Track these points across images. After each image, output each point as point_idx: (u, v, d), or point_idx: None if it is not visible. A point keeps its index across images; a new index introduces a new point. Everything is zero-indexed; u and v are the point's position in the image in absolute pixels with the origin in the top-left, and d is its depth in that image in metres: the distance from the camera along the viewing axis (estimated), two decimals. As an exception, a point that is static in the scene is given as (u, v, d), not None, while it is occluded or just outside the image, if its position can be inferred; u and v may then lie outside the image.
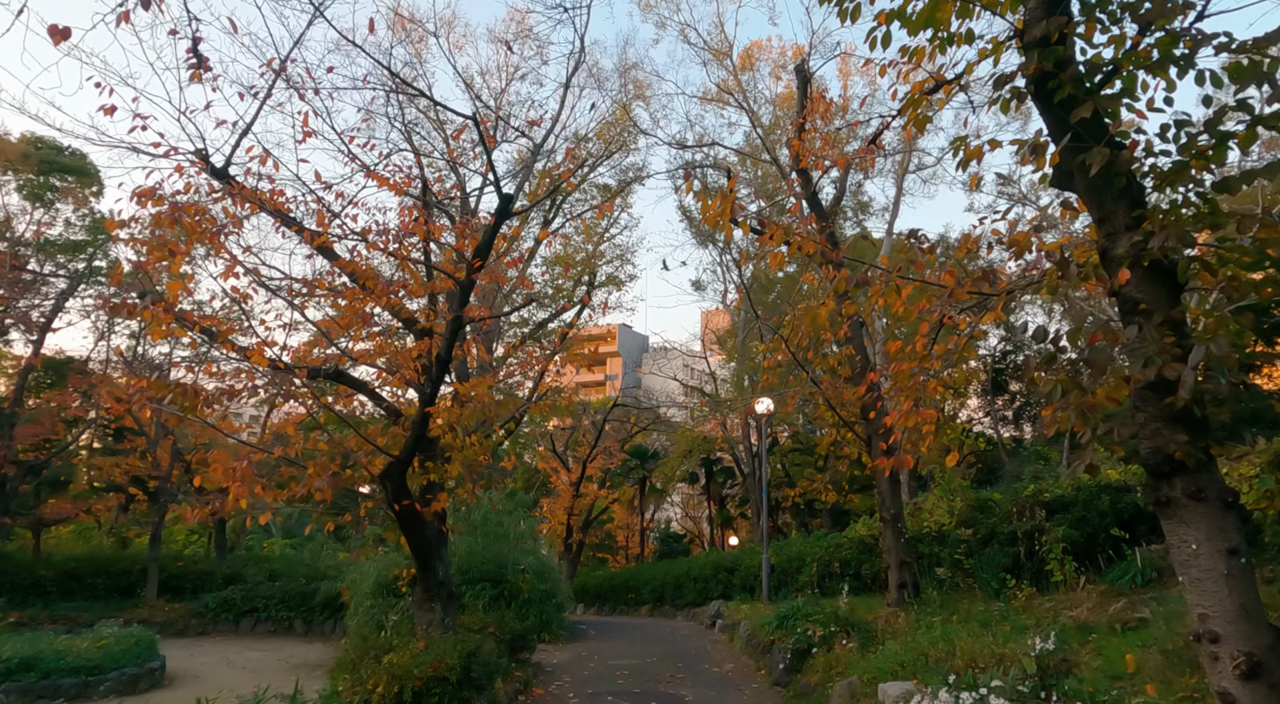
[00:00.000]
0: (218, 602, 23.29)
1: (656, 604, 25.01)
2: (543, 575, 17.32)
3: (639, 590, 26.11)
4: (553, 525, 38.99)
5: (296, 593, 23.51)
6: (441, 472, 10.32)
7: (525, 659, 12.45)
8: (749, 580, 20.14)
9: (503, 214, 9.50)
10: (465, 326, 10.22)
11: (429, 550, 10.64)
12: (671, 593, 23.69)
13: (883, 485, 11.94)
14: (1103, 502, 10.76)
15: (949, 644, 8.43)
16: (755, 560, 20.24)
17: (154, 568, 23.79)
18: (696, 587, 22.09)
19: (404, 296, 10.29)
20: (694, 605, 22.21)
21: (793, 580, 18.49)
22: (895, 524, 11.75)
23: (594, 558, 43.22)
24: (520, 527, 18.40)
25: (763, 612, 16.01)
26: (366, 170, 9.28)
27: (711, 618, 19.01)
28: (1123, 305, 4.97)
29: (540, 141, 10.27)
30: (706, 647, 15.52)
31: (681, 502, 48.69)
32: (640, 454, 37.20)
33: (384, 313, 11.49)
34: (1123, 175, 4.86)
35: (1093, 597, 9.34)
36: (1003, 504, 12.00)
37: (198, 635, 22.58)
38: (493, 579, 16.51)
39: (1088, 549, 10.54)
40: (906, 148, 22.13)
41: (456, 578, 16.55)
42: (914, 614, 10.52)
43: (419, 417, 9.71)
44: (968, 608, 10.40)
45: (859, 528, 16.18)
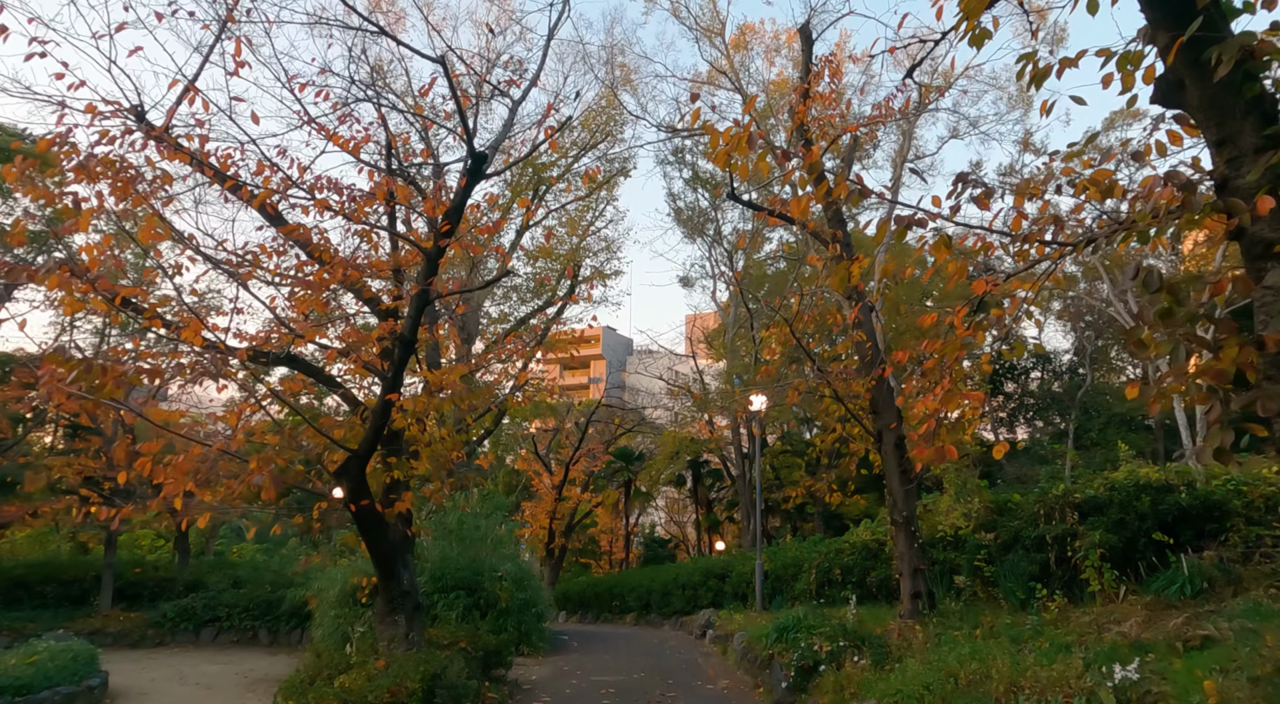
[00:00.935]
0: (177, 611, 21.92)
1: (642, 612, 23.88)
2: (522, 583, 16.18)
3: (624, 598, 24.97)
4: (534, 530, 37.80)
5: (262, 601, 22.19)
6: (406, 468, 9.17)
7: (500, 677, 11.30)
8: (741, 588, 19.06)
9: (475, 174, 8.38)
10: (433, 302, 9.10)
11: (392, 556, 9.48)
12: (658, 600, 22.57)
13: (894, 485, 10.91)
14: (1143, 503, 9.77)
15: (982, 664, 7.38)
16: (747, 566, 19.17)
17: (109, 575, 22.39)
18: (685, 594, 20.99)
19: (367, 273, 9.14)
20: (682, 614, 21.10)
21: (788, 588, 17.42)
22: (908, 528, 10.71)
23: (577, 564, 42.04)
24: (499, 531, 17.24)
25: (758, 622, 14.92)
26: (315, 124, 8.14)
27: (702, 628, 17.92)
28: (1250, 249, 3.94)
29: (520, 97, 9.17)
30: (698, 660, 14.42)
31: (666, 506, 47.58)
32: (625, 456, 36.08)
33: (347, 295, 10.35)
34: (1256, 81, 3.83)
35: (1137, 609, 8.34)
36: (1026, 506, 11.00)
37: (154, 647, 21.21)
38: (468, 587, 15.35)
39: (1126, 555, 9.55)
40: (908, 131, 21.24)
41: (428, 586, 15.38)
42: (932, 628, 9.48)
43: (379, 406, 8.57)
44: (992, 621, 9.37)
45: (861, 532, 15.15)
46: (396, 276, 9.76)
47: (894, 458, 10.93)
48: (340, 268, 8.56)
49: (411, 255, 9.21)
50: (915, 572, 10.59)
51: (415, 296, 8.40)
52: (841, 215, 11.45)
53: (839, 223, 11.32)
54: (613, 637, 19.05)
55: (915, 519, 10.85)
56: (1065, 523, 10.11)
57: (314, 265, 8.45)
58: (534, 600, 16.18)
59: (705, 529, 37.03)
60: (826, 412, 11.74)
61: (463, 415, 12.19)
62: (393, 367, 8.53)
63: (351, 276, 8.84)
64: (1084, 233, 4.81)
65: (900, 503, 10.84)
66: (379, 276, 9.51)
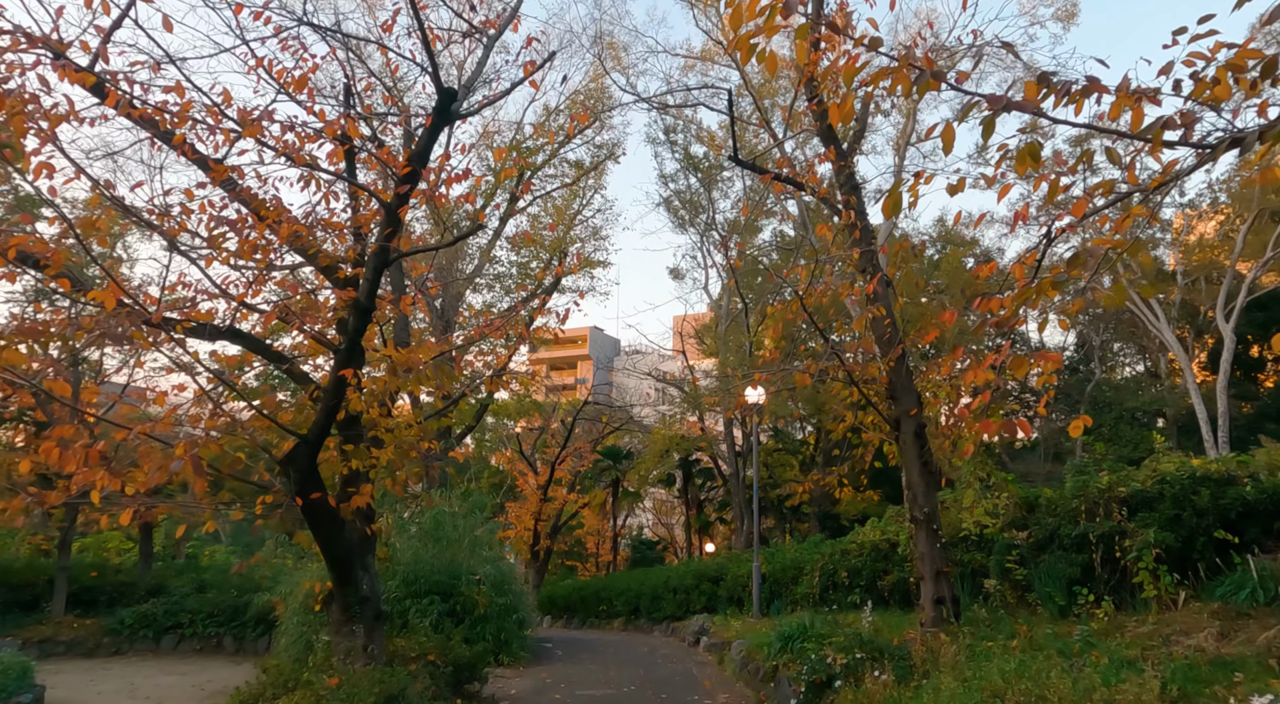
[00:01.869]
0: (135, 617, 20.56)
1: (631, 617, 22.72)
2: (502, 587, 14.99)
3: (611, 602, 23.80)
4: (519, 532, 36.62)
5: (228, 606, 20.84)
6: (366, 458, 7.99)
7: (474, 693, 10.12)
8: (736, 592, 17.94)
9: (443, 114, 7.23)
10: (395, 262, 7.94)
11: (348, 558, 8.29)
12: (648, 605, 21.41)
13: (913, 478, 9.81)
14: (1201, 497, 8.71)
15: (1034, 684, 6.28)
16: (743, 569, 18.06)
17: (62, 579, 20.99)
18: (676, 598, 19.85)
19: (320, 232, 7.96)
20: (673, 619, 19.96)
21: (787, 592, 16.32)
22: (929, 526, 9.62)
23: (563, 566, 40.84)
24: (479, 531, 16.03)
25: (758, 629, 13.81)
26: (247, 46, 6.96)
27: (695, 634, 16.78)
28: None
29: (497, 33, 8.01)
30: (692, 670, 13.28)
31: (654, 507, 46.41)
32: (613, 454, 34.90)
33: (301, 267, 9.15)
34: None
35: (1204, 618, 7.29)
36: (1061, 501, 9.92)
37: (110, 656, 19.85)
38: (443, 592, 14.17)
39: (1183, 556, 8.50)
40: (911, 111, 20.22)
41: (400, 591, 14.18)
42: (963, 638, 8.38)
43: (332, 383, 7.40)
44: (1030, 630, 8.29)
45: (868, 531, 14.07)
46: (357, 239, 8.58)
47: (913, 448, 9.84)
48: (287, 226, 7.38)
49: (374, 214, 8.04)
50: (938, 575, 9.49)
51: (373, 255, 7.23)
52: (855, 180, 10.37)
53: (852, 188, 10.23)
54: (600, 644, 17.89)
55: (938, 516, 9.75)
56: (1111, 520, 9.04)
57: (254, 224, 7.25)
58: (515, 606, 15.01)
59: (696, 530, 35.90)
60: (837, 398, 10.63)
61: (435, 399, 11.04)
62: (347, 338, 7.36)
63: (301, 237, 7.66)
64: (1228, 131, 3.68)
65: (921, 498, 9.74)
66: (336, 238, 8.33)
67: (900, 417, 9.96)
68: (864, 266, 10.12)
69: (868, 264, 10.08)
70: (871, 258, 10.08)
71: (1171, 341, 21.76)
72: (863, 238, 9.98)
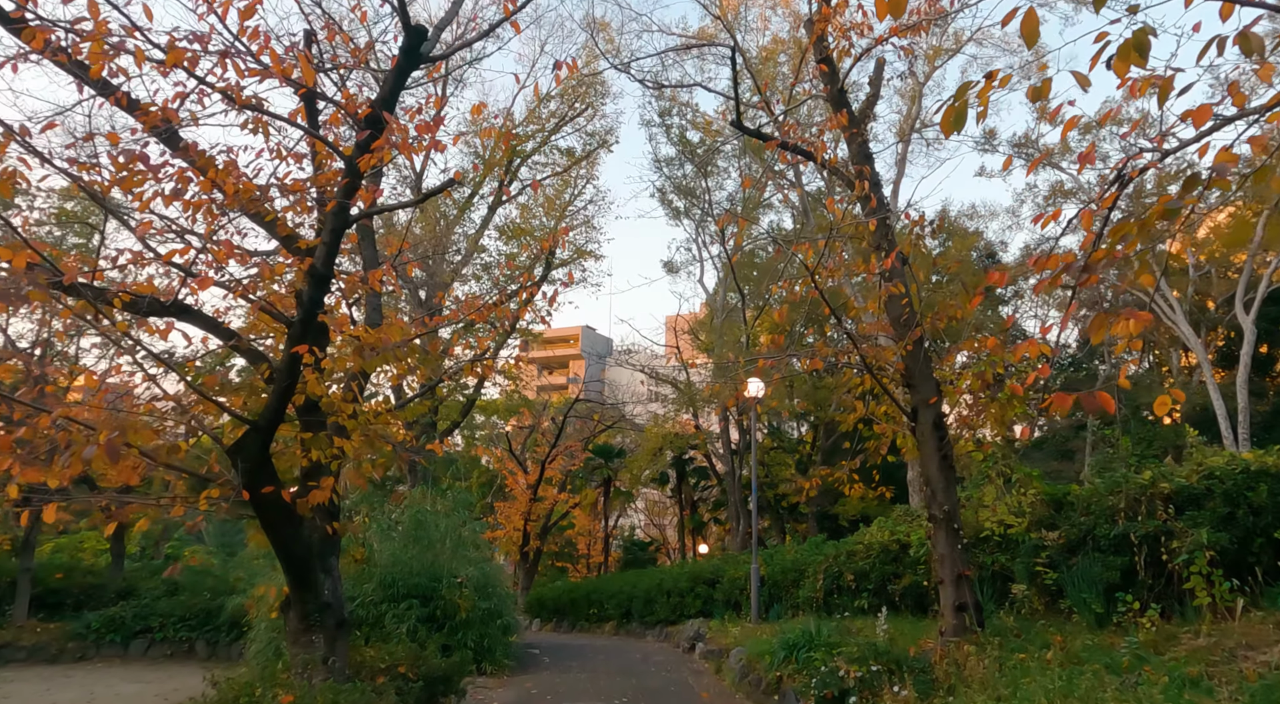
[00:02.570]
0: (103, 621, 19.60)
1: (622, 621, 21.84)
2: (486, 590, 14.11)
3: (602, 605, 22.91)
4: (508, 532, 35.77)
5: (200, 609, 19.91)
6: (326, 447, 7.10)
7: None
8: (733, 595, 17.09)
9: (411, 55, 6.36)
10: (355, 221, 7.06)
11: (306, 560, 7.41)
12: (640, 608, 20.54)
13: (932, 473, 8.97)
14: (1259, 493, 7.89)
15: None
16: (740, 571, 17.22)
17: (25, 581, 19.99)
18: (670, 602, 18.98)
19: (275, 191, 7.07)
20: (667, 623, 19.09)
21: (788, 596, 15.48)
22: (949, 525, 8.78)
23: (553, 567, 39.93)
24: (462, 530, 15.13)
25: (758, 635, 12.97)
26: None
27: (691, 640, 15.91)
28: None
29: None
30: (688, 680, 12.43)
31: (646, 508, 45.52)
32: (605, 453, 34.00)
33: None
34: None
35: (1269, 628, 6.49)
36: (1097, 498, 9.08)
37: (75, 662, 18.89)
38: (423, 595, 13.27)
39: (1238, 559, 7.68)
40: (916, 95, 19.45)
41: (377, 594, 13.28)
42: (991, 650, 7.54)
43: (284, 361, 6.53)
44: (1066, 641, 7.46)
45: (875, 532, 13.23)
46: (321, 205, 7.69)
47: (932, 439, 9.01)
48: (233, 184, 6.49)
49: (336, 174, 7.16)
50: (959, 579, 8.65)
51: (331, 214, 6.35)
52: (868, 150, 9.54)
53: (865, 158, 9.40)
54: (590, 650, 17.01)
55: (958, 514, 8.92)
56: (1156, 519, 8.22)
57: (196, 178, 6.35)
58: (500, 610, 14.12)
59: (689, 531, 35.02)
60: (843, 388, 9.80)
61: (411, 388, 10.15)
62: (301, 309, 6.47)
63: (255, 200, 6.77)
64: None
65: (940, 494, 8.90)
66: (299, 206, 7.44)
67: (918, 406, 9.13)
68: (878, 242, 9.28)
69: (882, 239, 9.24)
70: (887, 232, 9.25)
71: (1189, 335, 21.03)
72: (878, 211, 9.16)
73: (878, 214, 8.86)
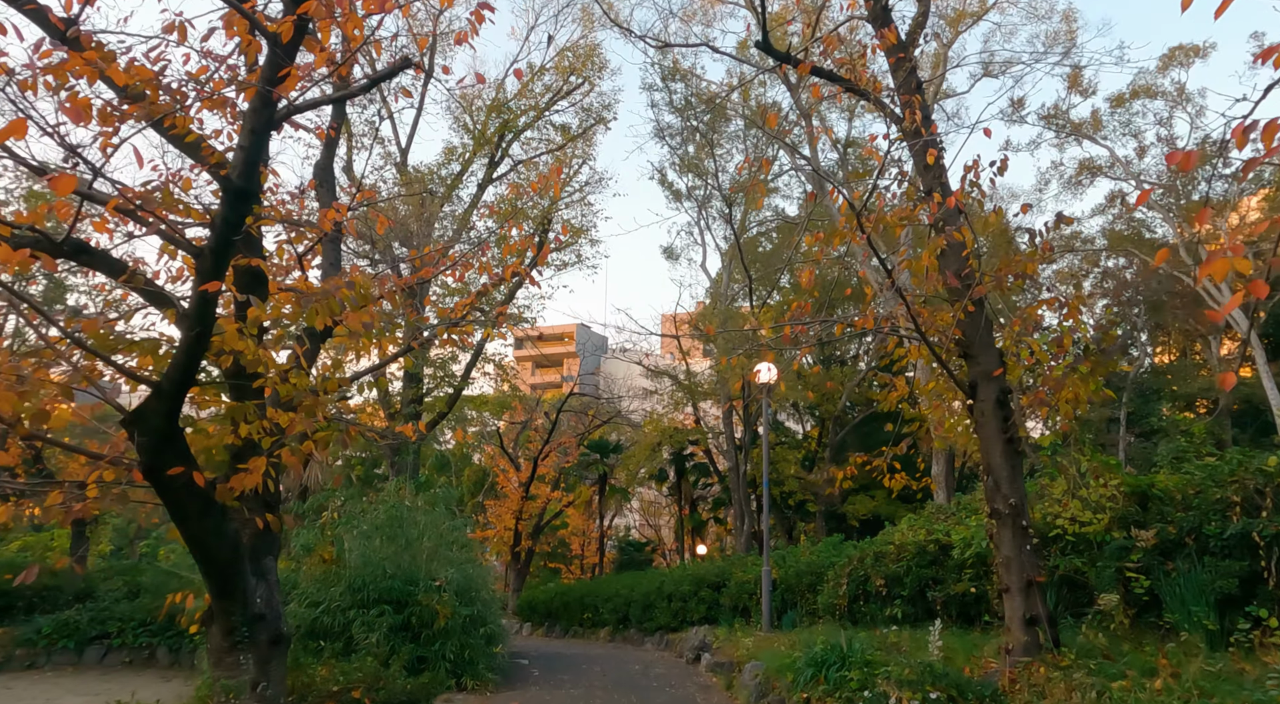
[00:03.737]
0: (54, 625, 18.03)
1: (619, 627, 20.36)
2: (469, 594, 12.62)
3: (597, 609, 21.42)
4: (499, 531, 34.30)
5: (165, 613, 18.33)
6: (253, 416, 5.62)
7: (419, 738, 7.73)
8: (741, 600, 15.63)
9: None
10: (282, 121, 5.58)
11: (231, 562, 5.92)
12: (638, 613, 19.06)
13: (994, 458, 7.51)
14: None
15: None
16: (749, 574, 15.76)
17: (-30, 581, 18.39)
18: (671, 607, 17.51)
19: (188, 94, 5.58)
20: (668, 630, 17.61)
21: (804, 602, 14.04)
22: (1016, 522, 7.33)
23: (545, 568, 38.42)
24: (443, 527, 13.64)
25: (773, 647, 11.51)
26: None
27: (695, 650, 14.44)
28: None
29: None
30: (696, 698, 10.97)
31: (641, 507, 43.99)
32: (600, 448, 32.47)
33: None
34: None
35: None
36: (1198, 490, 7.62)
37: (22, 670, 17.32)
38: (397, 601, 11.77)
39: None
40: (941, 57, 18.06)
41: (345, 600, 11.78)
42: (1075, 673, 6.09)
43: (194, 305, 5.05)
44: (1177, 666, 6.01)
45: (906, 531, 11.78)
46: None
47: (995, 420, 7.55)
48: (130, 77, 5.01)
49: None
50: (1029, 586, 7.19)
51: (250, 110, 4.86)
52: (917, 77, 8.09)
53: (914, 87, 7.95)
54: (584, 660, 15.51)
55: (1027, 510, 7.47)
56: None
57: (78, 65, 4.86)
58: (484, 616, 12.63)
59: (689, 531, 33.50)
60: (889, 356, 8.34)
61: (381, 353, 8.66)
62: (214, 235, 4.99)
63: (160, 104, 5.27)
64: None
65: (1005, 485, 7.44)
66: (223, 113, 5.94)
67: (977, 379, 7.67)
68: (930, 185, 7.83)
69: (935, 181, 7.79)
70: (940, 173, 7.81)
71: (1240, 321, 19.61)
72: (930, 148, 7.71)
73: (928, 148, 7.39)
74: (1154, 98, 19.89)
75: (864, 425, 26.36)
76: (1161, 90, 19.50)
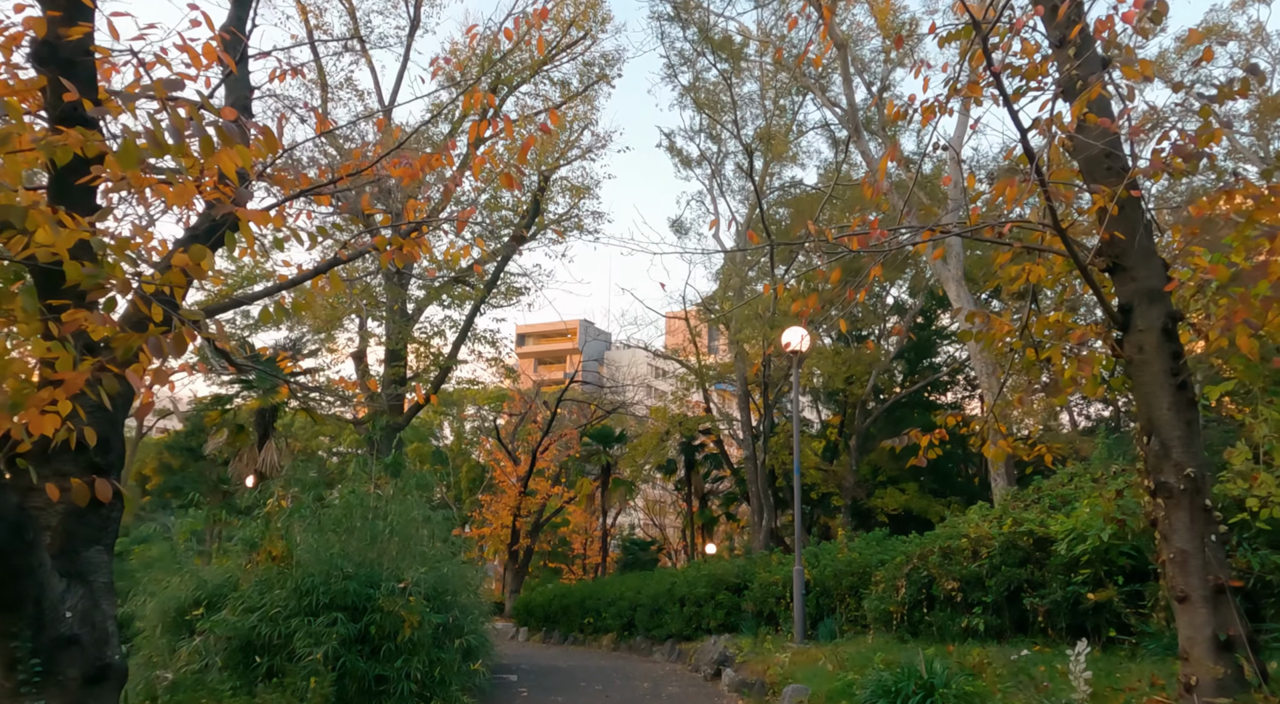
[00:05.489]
0: None
1: (624, 634, 18.17)
2: (443, 598, 10.43)
3: (600, 613, 19.23)
4: (496, 529, 32.18)
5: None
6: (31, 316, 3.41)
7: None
8: (766, 605, 13.42)
9: None
10: None
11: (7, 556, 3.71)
12: (646, 619, 16.86)
13: (1159, 412, 5.29)
14: None
15: None
16: (776, 574, 13.55)
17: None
18: (684, 612, 15.29)
19: None
20: (680, 639, 15.42)
21: (844, 607, 11.83)
22: (1195, 499, 5.14)
23: (545, 568, 36.22)
24: (413, 519, 11.45)
25: (812, 663, 9.33)
26: None
27: (714, 664, 12.26)
28: None
29: None
30: (722, 730, 8.76)
31: (645, 506, 41.74)
32: (603, 437, 30.21)
33: None
34: None
35: None
36: None
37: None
38: (354, 606, 9.56)
39: None
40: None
41: (290, 605, 9.58)
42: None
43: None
44: None
45: (976, 521, 9.57)
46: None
47: (1160, 358, 5.35)
48: None
49: None
50: (1218, 594, 5.00)
51: None
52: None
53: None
54: (584, 674, 13.32)
55: (1208, 486, 5.26)
56: None
57: None
58: (461, 626, 10.42)
59: (699, 528, 31.22)
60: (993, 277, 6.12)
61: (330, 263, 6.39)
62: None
63: None
64: None
65: (1178, 448, 5.24)
66: None
67: (1132, 301, 5.46)
68: (1061, 34, 5.60)
69: (1065, 29, 5.55)
70: (1078, 8, 5.59)
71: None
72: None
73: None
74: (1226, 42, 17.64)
75: (892, 412, 24.13)
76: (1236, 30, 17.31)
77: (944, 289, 16.23)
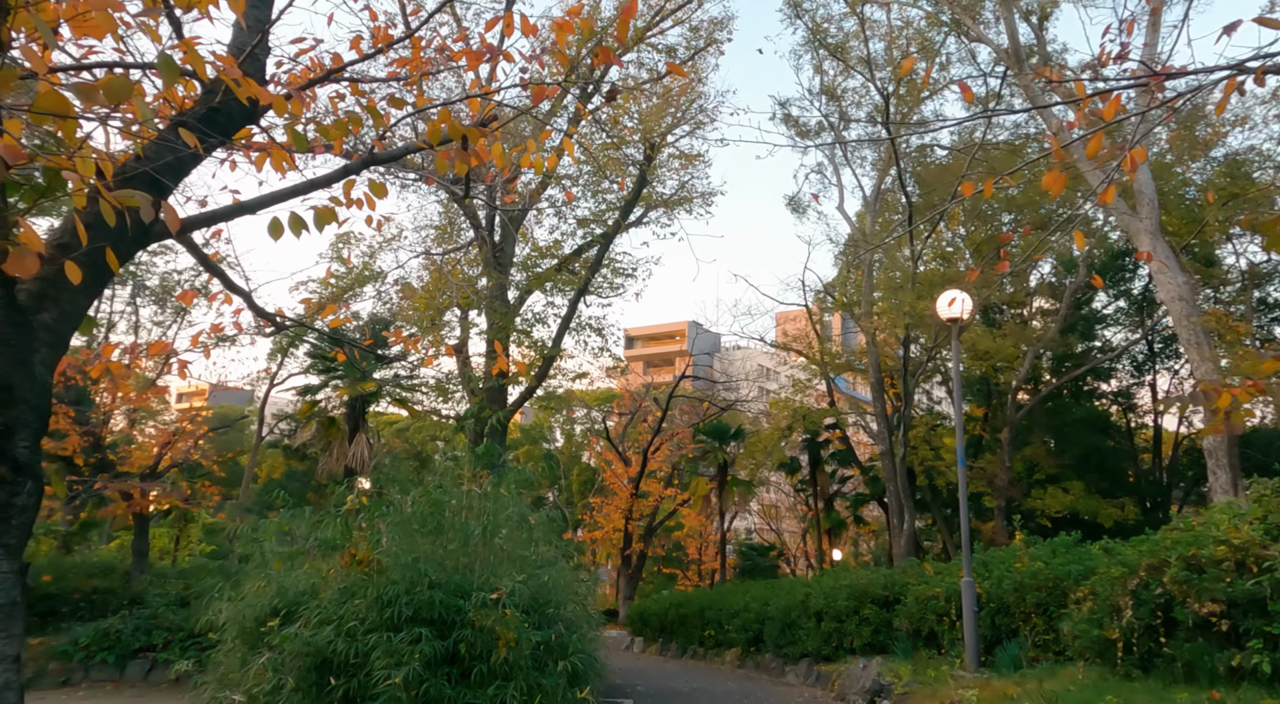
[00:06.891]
0: (93, 636, 15.54)
1: (750, 649, 16.26)
2: (544, 611, 8.87)
3: (721, 625, 17.38)
4: (608, 532, 30.95)
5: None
6: None
7: None
8: (925, 622, 11.28)
9: None
10: None
11: None
12: (775, 633, 14.88)
13: None
14: None
15: None
16: (935, 587, 11.39)
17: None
18: (822, 629, 13.25)
19: None
20: (818, 658, 13.40)
21: (1029, 630, 9.59)
22: None
23: (659, 574, 34.64)
24: (510, 517, 9.98)
25: (1002, 698, 7.22)
26: None
27: (868, 695, 10.24)
28: None
29: None
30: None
31: (760, 510, 39.49)
32: (719, 433, 28.28)
33: None
34: None
35: None
36: None
37: (55, 688, 14.84)
38: (441, 620, 8.12)
39: None
40: None
41: (370, 617, 8.24)
42: None
43: None
44: None
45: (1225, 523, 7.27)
46: None
47: None
48: None
49: None
50: None
51: None
52: None
53: None
54: (708, 698, 11.52)
55: None
56: None
57: None
58: (566, 644, 8.79)
59: (825, 532, 28.83)
60: None
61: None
62: None
63: None
64: None
65: None
66: None
67: None
68: None
69: None
70: None
71: None
72: None
73: None
74: None
75: (1049, 400, 21.23)
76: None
77: (1134, 242, 13.56)
